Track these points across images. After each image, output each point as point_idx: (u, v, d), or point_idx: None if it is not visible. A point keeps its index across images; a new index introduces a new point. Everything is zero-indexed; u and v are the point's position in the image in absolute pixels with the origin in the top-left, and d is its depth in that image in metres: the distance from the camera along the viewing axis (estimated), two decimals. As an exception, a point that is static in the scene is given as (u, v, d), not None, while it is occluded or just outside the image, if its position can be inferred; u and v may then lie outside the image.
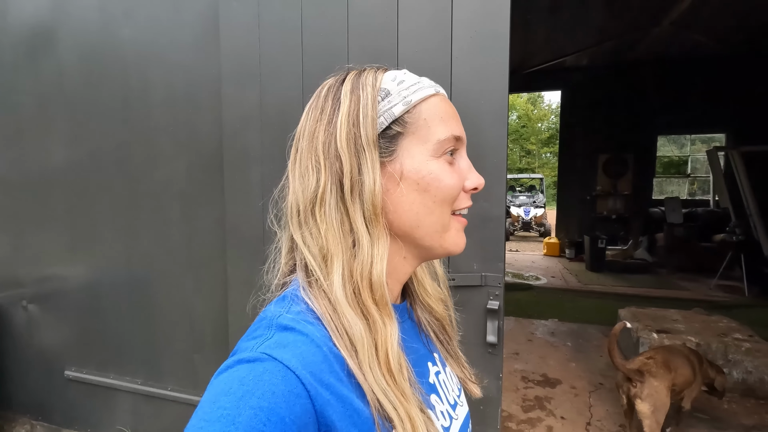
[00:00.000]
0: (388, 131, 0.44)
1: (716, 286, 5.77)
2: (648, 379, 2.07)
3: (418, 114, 0.45)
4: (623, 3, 5.17)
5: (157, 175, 1.94)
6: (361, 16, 1.46)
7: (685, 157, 11.64)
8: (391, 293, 0.48)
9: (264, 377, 0.34)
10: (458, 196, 0.47)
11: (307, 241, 0.44)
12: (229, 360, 0.37)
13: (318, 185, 0.43)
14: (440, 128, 0.45)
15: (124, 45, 1.93)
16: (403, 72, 0.48)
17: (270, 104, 1.60)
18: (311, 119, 0.46)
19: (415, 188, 0.44)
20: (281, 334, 0.38)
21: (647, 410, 2.04)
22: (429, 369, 0.51)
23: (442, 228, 0.46)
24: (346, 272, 0.42)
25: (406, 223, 0.45)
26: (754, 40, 6.39)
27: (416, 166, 0.44)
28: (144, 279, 2.03)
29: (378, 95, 0.44)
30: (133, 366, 2.09)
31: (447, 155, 0.46)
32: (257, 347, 0.37)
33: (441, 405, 0.49)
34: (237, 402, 0.32)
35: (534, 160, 23.57)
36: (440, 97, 0.47)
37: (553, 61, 7.32)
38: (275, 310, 0.42)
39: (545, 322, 4.44)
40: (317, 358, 0.37)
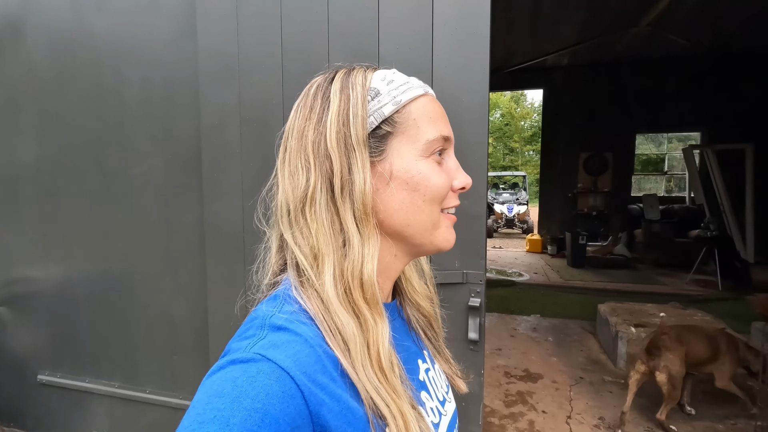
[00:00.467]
0: (377, 131, 0.44)
1: (691, 280, 5.94)
2: (663, 353, 2.40)
3: (408, 114, 0.45)
4: (602, 3, 5.26)
5: (133, 173, 1.89)
6: (342, 12, 1.44)
7: (662, 155, 11.95)
8: (383, 291, 0.48)
9: (258, 378, 0.34)
10: (447, 195, 0.47)
11: (298, 241, 0.43)
12: (222, 360, 0.36)
13: (308, 185, 0.43)
14: (429, 128, 0.45)
15: (96, 38, 1.87)
16: (393, 72, 0.48)
17: (249, 100, 1.57)
18: (300, 117, 0.46)
19: (405, 187, 0.45)
20: (274, 334, 0.38)
21: (664, 379, 2.39)
22: (419, 366, 0.52)
23: (432, 226, 0.47)
24: (337, 272, 0.42)
25: (397, 222, 0.45)
26: (726, 41, 6.59)
27: (406, 165, 0.45)
28: (120, 279, 1.97)
29: (368, 95, 0.44)
30: (110, 369, 2.03)
31: (436, 155, 0.46)
32: (250, 347, 0.36)
33: (431, 401, 0.49)
34: (231, 403, 0.32)
35: (517, 158, 23.85)
36: (429, 98, 0.48)
37: (535, 60, 7.40)
38: (267, 309, 0.41)
39: (527, 318, 4.50)
40: (311, 358, 0.37)
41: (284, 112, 1.52)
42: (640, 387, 2.55)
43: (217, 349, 1.73)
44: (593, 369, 3.30)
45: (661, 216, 7.38)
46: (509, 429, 2.51)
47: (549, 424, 2.57)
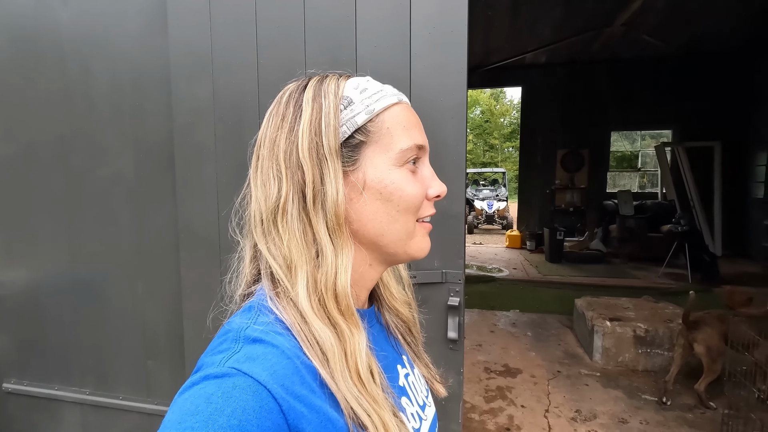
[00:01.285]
0: (350, 140, 0.44)
1: (663, 273, 6.14)
2: (702, 327, 2.61)
3: (381, 123, 0.45)
4: (578, 3, 5.35)
5: (101, 172, 1.82)
6: (318, 10, 1.42)
7: (636, 152, 12.29)
8: (359, 299, 0.49)
9: (233, 394, 0.32)
10: (422, 204, 0.47)
11: (272, 251, 0.43)
12: (195, 376, 0.35)
13: (279, 195, 0.43)
14: (403, 137, 0.45)
15: (61, 30, 1.79)
16: (366, 79, 0.47)
17: (224, 98, 1.53)
18: (272, 126, 0.45)
19: (378, 197, 0.44)
20: (250, 346, 0.37)
21: (703, 350, 2.59)
22: (399, 372, 0.52)
23: (406, 235, 0.46)
24: (310, 283, 0.41)
25: (371, 232, 0.45)
26: (696, 42, 6.80)
27: (379, 175, 0.44)
28: (90, 283, 1.90)
29: (340, 103, 0.44)
30: (80, 375, 1.96)
31: (409, 164, 0.46)
32: (224, 362, 0.35)
33: (411, 407, 0.49)
34: (205, 422, 0.31)
35: (497, 155, 24.15)
36: (403, 106, 0.47)
37: (514, 58, 7.49)
38: (241, 321, 0.40)
39: (507, 314, 4.57)
40: (288, 370, 0.36)
41: (260, 111, 1.49)
42: (686, 362, 2.75)
43: (193, 353, 1.69)
44: (570, 363, 3.38)
45: (634, 211, 7.60)
46: (489, 424, 2.55)
47: (528, 418, 2.62)
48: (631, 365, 3.25)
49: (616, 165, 11.53)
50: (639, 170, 11.84)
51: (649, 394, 2.88)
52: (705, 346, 2.59)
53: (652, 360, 3.23)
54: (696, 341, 2.63)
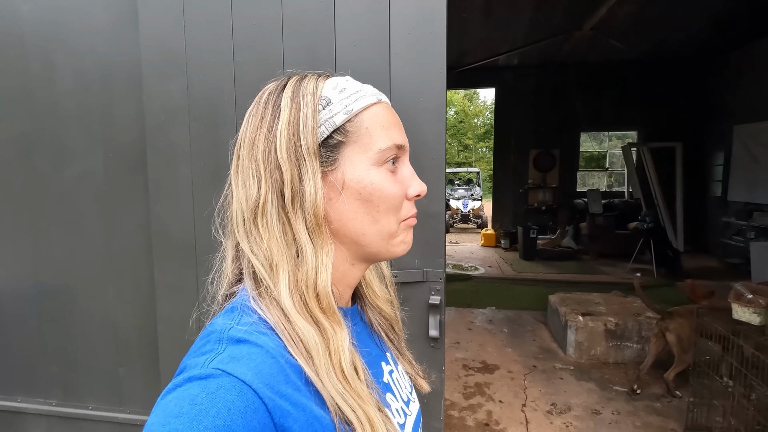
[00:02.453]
0: (329, 140, 0.44)
1: (631, 269, 6.38)
2: (675, 317, 2.76)
3: (360, 123, 0.45)
4: (549, 7, 5.50)
5: (67, 172, 1.74)
6: (297, 8, 1.40)
7: (604, 153, 12.74)
8: (342, 297, 0.49)
9: (218, 394, 0.32)
10: (402, 204, 0.47)
11: (255, 250, 0.43)
12: (178, 378, 0.35)
13: (259, 195, 0.43)
14: (382, 137, 0.45)
15: (22, 22, 1.70)
16: (346, 79, 0.47)
17: (198, 96, 1.49)
18: (251, 126, 0.45)
19: (358, 197, 0.44)
20: (234, 347, 0.37)
21: (673, 339, 2.73)
22: (383, 369, 0.52)
23: (389, 235, 0.47)
24: (291, 282, 0.41)
25: (352, 232, 0.45)
26: (659, 47, 7.11)
27: (357, 175, 0.44)
28: (56, 289, 1.82)
29: (319, 104, 0.44)
30: (46, 385, 1.87)
31: (389, 164, 0.46)
32: (208, 363, 0.35)
33: (396, 402, 0.50)
34: (190, 423, 0.31)
35: (471, 155, 24.51)
36: (382, 105, 0.47)
37: (487, 60, 7.61)
38: (224, 322, 0.40)
39: (483, 311, 4.64)
40: (273, 369, 0.36)
41: (237, 110, 1.46)
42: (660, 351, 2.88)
43: (168, 357, 1.64)
44: (545, 357, 3.47)
45: (603, 210, 7.87)
46: (469, 420, 2.59)
47: (506, 413, 2.67)
48: (603, 358, 3.37)
49: (585, 165, 11.92)
50: (607, 170, 12.28)
51: (620, 386, 2.99)
52: (676, 336, 2.71)
53: (622, 352, 3.36)
54: (668, 330, 2.76)
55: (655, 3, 5.32)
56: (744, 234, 6.45)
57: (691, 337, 2.65)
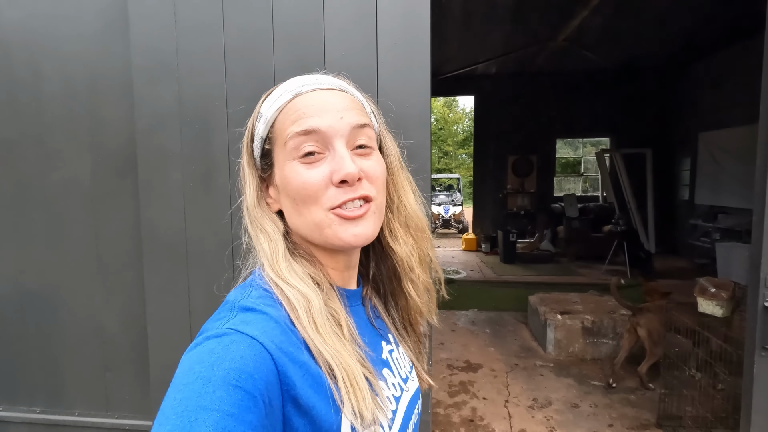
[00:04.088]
0: (264, 150, 0.51)
1: (606, 270, 6.61)
2: (645, 313, 2.90)
3: (278, 125, 0.49)
4: (524, 19, 5.71)
5: (53, 177, 1.74)
6: (287, 16, 1.46)
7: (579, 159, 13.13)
8: (340, 277, 0.54)
9: (232, 346, 0.38)
10: (324, 193, 0.46)
11: (250, 231, 0.53)
12: (198, 338, 0.40)
13: (245, 195, 0.53)
14: (289, 130, 0.47)
15: (6, 26, 1.70)
16: (283, 84, 0.50)
17: (190, 102, 1.52)
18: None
19: (286, 195, 0.50)
20: (244, 314, 0.43)
21: (644, 334, 2.87)
22: (383, 347, 0.57)
23: (316, 227, 0.48)
24: (266, 260, 0.50)
25: (293, 227, 0.52)
26: (629, 58, 7.43)
27: (281, 174, 0.50)
28: (40, 294, 1.80)
29: (257, 121, 0.52)
30: (29, 392, 1.84)
31: (307, 156, 0.46)
32: (223, 325, 0.41)
33: (393, 378, 0.54)
34: (210, 366, 0.36)
35: (451, 161, 24.83)
36: (300, 97, 0.48)
37: (466, 68, 7.81)
38: (237, 294, 0.47)
39: (466, 313, 4.73)
40: (276, 330, 0.42)
41: (228, 115, 1.50)
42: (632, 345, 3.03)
43: (159, 360, 1.64)
44: (526, 355, 3.57)
45: (579, 214, 8.12)
46: (454, 417, 2.65)
47: (490, 409, 2.74)
48: (581, 354, 3.49)
49: (561, 170, 12.27)
50: (582, 175, 12.66)
51: (597, 380, 3.11)
52: (647, 330, 2.86)
53: (599, 349, 3.49)
54: (639, 325, 2.90)
55: (624, 16, 5.59)
56: (710, 235, 6.77)
57: (660, 331, 2.78)
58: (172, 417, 0.34)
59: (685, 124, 7.72)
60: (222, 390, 0.35)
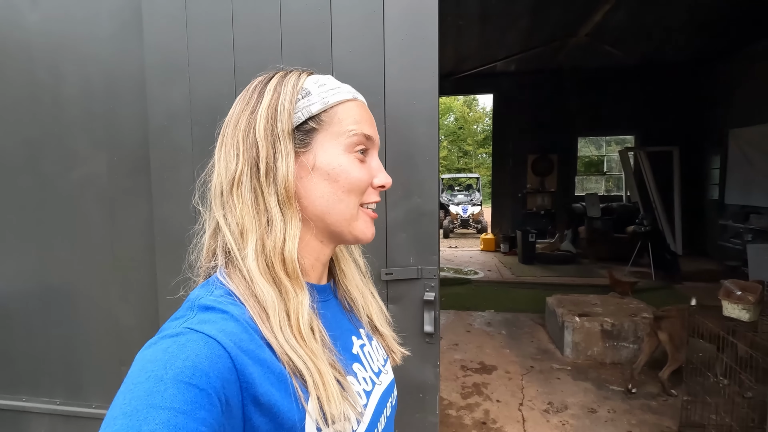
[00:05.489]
0: (304, 126, 0.50)
1: (629, 272, 6.41)
2: (666, 317, 2.83)
3: (334, 113, 0.50)
4: (544, 14, 5.59)
5: (72, 176, 1.79)
6: (295, 15, 1.46)
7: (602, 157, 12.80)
8: (314, 272, 0.54)
9: (188, 345, 0.37)
10: (366, 189, 0.52)
11: (228, 219, 0.48)
12: (154, 338, 0.40)
13: (236, 168, 0.48)
14: (352, 127, 0.51)
15: (29, 33, 1.76)
16: (327, 77, 0.53)
17: (200, 100, 1.54)
18: (238, 109, 0.51)
19: (326, 178, 0.50)
20: (203, 313, 0.42)
21: (666, 338, 2.80)
22: (353, 342, 0.56)
23: (350, 216, 0.51)
24: (258, 246, 0.46)
25: (318, 209, 0.50)
26: (654, 52, 7.19)
27: (328, 158, 0.50)
28: (60, 289, 1.86)
29: (298, 94, 0.50)
30: (50, 385, 1.90)
31: (358, 153, 0.51)
32: (180, 324, 0.40)
33: (364, 372, 0.54)
34: (163, 364, 0.35)
35: (471, 161, 24.59)
36: (357, 103, 0.53)
37: (485, 66, 7.70)
38: (198, 293, 0.46)
39: (482, 314, 4.67)
40: (236, 329, 0.41)
41: (237, 112, 1.51)
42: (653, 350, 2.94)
43: (170, 356, 1.67)
44: (543, 358, 3.49)
45: (601, 213, 7.91)
46: (466, 419, 2.61)
47: (503, 412, 2.69)
48: (599, 358, 3.40)
49: (583, 169, 11.98)
50: (605, 174, 12.33)
51: (616, 385, 3.01)
52: (668, 334, 2.77)
53: (619, 353, 3.39)
54: (660, 329, 2.81)
55: (649, 10, 5.41)
56: (741, 236, 6.49)
57: (683, 336, 2.68)
58: (120, 417, 0.33)
59: (715, 120, 7.42)
60: (174, 388, 0.34)
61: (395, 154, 1.42)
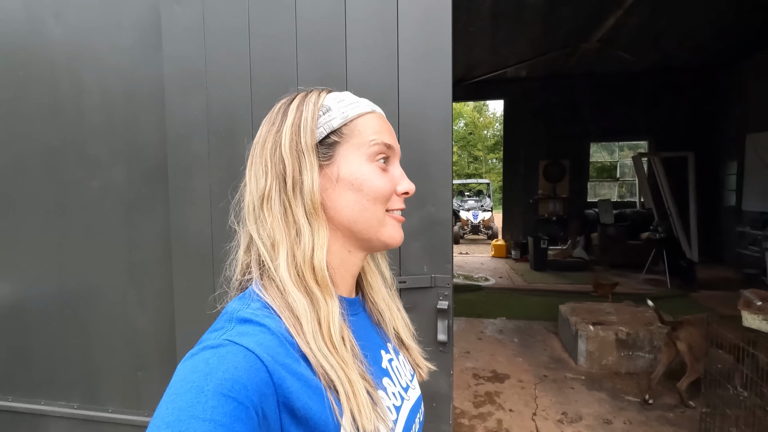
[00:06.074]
0: (326, 140, 0.52)
1: (644, 280, 6.31)
2: (685, 326, 2.74)
3: (354, 126, 0.53)
4: (555, 20, 5.58)
5: (92, 184, 1.83)
6: (309, 25, 1.48)
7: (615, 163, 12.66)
8: (345, 285, 0.55)
9: (227, 357, 0.39)
10: (390, 197, 0.54)
11: (260, 233, 0.50)
12: (195, 348, 0.41)
13: (266, 184, 0.51)
14: (372, 137, 0.53)
15: (53, 46, 1.81)
16: (346, 93, 0.56)
17: (217, 110, 1.57)
18: (264, 130, 0.54)
19: (351, 188, 0.51)
20: (241, 326, 0.44)
21: (684, 348, 2.71)
22: (382, 356, 0.57)
23: (378, 223, 0.53)
24: (289, 257, 0.48)
25: (345, 218, 0.52)
26: (667, 58, 7.12)
27: (351, 169, 0.52)
28: (78, 294, 1.89)
29: (319, 111, 0.52)
30: (67, 389, 1.94)
31: (380, 162, 0.53)
32: (220, 336, 0.42)
33: (393, 387, 0.55)
34: (204, 376, 0.37)
35: (481, 166, 24.49)
36: (376, 115, 0.55)
37: (496, 72, 7.70)
38: (236, 305, 0.47)
39: (494, 321, 4.63)
40: (273, 343, 0.43)
41: (253, 123, 1.53)
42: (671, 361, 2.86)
43: (185, 362, 1.69)
44: (556, 367, 3.45)
45: (614, 220, 7.81)
46: (479, 429, 2.58)
47: (516, 421, 2.66)
48: (614, 368, 3.34)
49: (596, 175, 11.85)
50: (618, 180, 12.18)
51: (632, 395, 2.96)
52: (687, 344, 2.70)
53: (634, 362, 3.32)
54: (678, 339, 2.74)
55: (663, 15, 5.36)
56: (760, 244, 6.34)
57: (702, 346, 2.62)
58: (163, 427, 0.34)
59: (731, 125, 7.29)
60: (215, 400, 0.35)
61: (408, 162, 1.43)
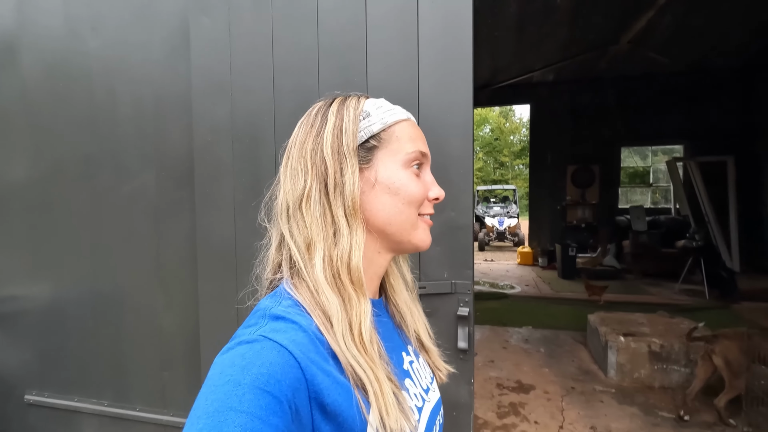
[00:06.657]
0: (366, 144, 0.54)
1: (680, 290, 6.03)
2: (721, 340, 2.62)
3: (392, 132, 0.55)
4: (584, 22, 5.45)
5: (124, 189, 1.91)
6: (331, 34, 1.51)
7: (648, 168, 12.20)
8: (370, 286, 0.57)
9: (263, 352, 0.41)
10: (423, 202, 0.56)
11: (293, 233, 0.52)
12: (230, 343, 0.43)
13: (305, 185, 0.52)
14: (409, 145, 0.55)
15: (90, 58, 1.91)
16: (382, 100, 0.59)
17: (241, 118, 1.62)
18: (302, 132, 0.55)
19: (387, 191, 0.53)
20: (274, 322, 0.46)
21: (721, 363, 2.57)
22: (404, 358, 0.59)
23: (410, 226, 0.55)
24: (326, 257, 0.50)
25: (380, 220, 0.54)
26: (703, 58, 6.83)
27: (389, 174, 0.54)
28: (110, 296, 1.97)
29: (360, 115, 0.54)
30: (99, 387, 2.01)
31: (414, 168, 0.55)
32: (254, 332, 0.44)
33: (414, 388, 0.56)
34: (241, 370, 0.39)
35: (507, 172, 24.14)
36: (411, 122, 0.58)
37: (522, 77, 7.59)
38: (268, 303, 0.49)
39: (519, 330, 4.52)
40: (305, 340, 0.44)
41: (276, 131, 1.56)
42: (708, 376, 2.71)
43: (209, 362, 1.72)
44: (584, 379, 3.33)
45: (648, 227, 7.51)
46: (502, 441, 2.52)
47: (541, 434, 2.58)
48: (647, 381, 3.19)
49: (628, 181, 11.45)
50: (651, 185, 11.73)
51: (667, 411, 2.81)
52: (723, 359, 2.57)
53: (669, 376, 3.17)
54: (714, 353, 2.62)
55: (698, 14, 5.16)
56: (808, 253, 5.95)
57: (741, 361, 2.48)
58: (203, 417, 0.36)
59: (774, 128, 6.91)
60: (251, 393, 0.37)
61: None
